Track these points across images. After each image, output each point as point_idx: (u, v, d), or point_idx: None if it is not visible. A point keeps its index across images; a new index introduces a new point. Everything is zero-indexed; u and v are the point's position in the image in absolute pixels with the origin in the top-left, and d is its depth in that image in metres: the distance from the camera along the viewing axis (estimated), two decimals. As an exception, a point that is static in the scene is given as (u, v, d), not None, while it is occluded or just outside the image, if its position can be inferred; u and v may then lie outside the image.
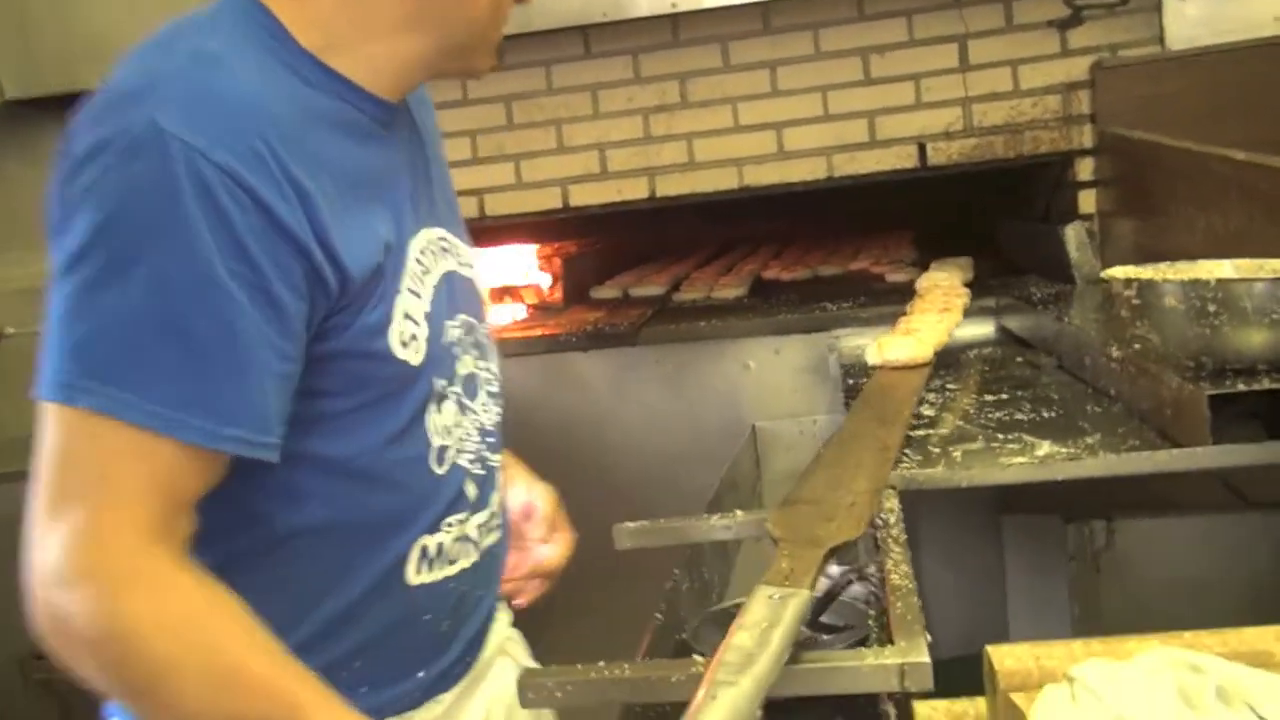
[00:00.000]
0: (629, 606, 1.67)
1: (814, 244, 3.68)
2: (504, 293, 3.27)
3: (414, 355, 0.91)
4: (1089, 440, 1.40)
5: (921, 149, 2.62)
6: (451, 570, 0.98)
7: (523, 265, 3.31)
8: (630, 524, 1.34)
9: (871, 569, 1.18)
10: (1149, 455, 1.29)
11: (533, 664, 1.13)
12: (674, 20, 2.61)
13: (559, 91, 2.73)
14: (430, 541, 0.95)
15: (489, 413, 1.04)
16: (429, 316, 0.93)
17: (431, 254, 0.96)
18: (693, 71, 2.66)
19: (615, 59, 2.70)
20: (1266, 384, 1.25)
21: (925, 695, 0.91)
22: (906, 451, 1.46)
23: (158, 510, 0.77)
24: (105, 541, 0.75)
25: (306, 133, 0.84)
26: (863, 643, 1.07)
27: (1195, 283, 1.26)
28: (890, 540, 1.14)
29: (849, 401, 1.84)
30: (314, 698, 0.79)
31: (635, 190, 2.73)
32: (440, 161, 1.08)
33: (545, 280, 3.27)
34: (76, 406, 0.76)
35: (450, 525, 0.97)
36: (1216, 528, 1.78)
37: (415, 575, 0.95)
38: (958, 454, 1.43)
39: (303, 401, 0.85)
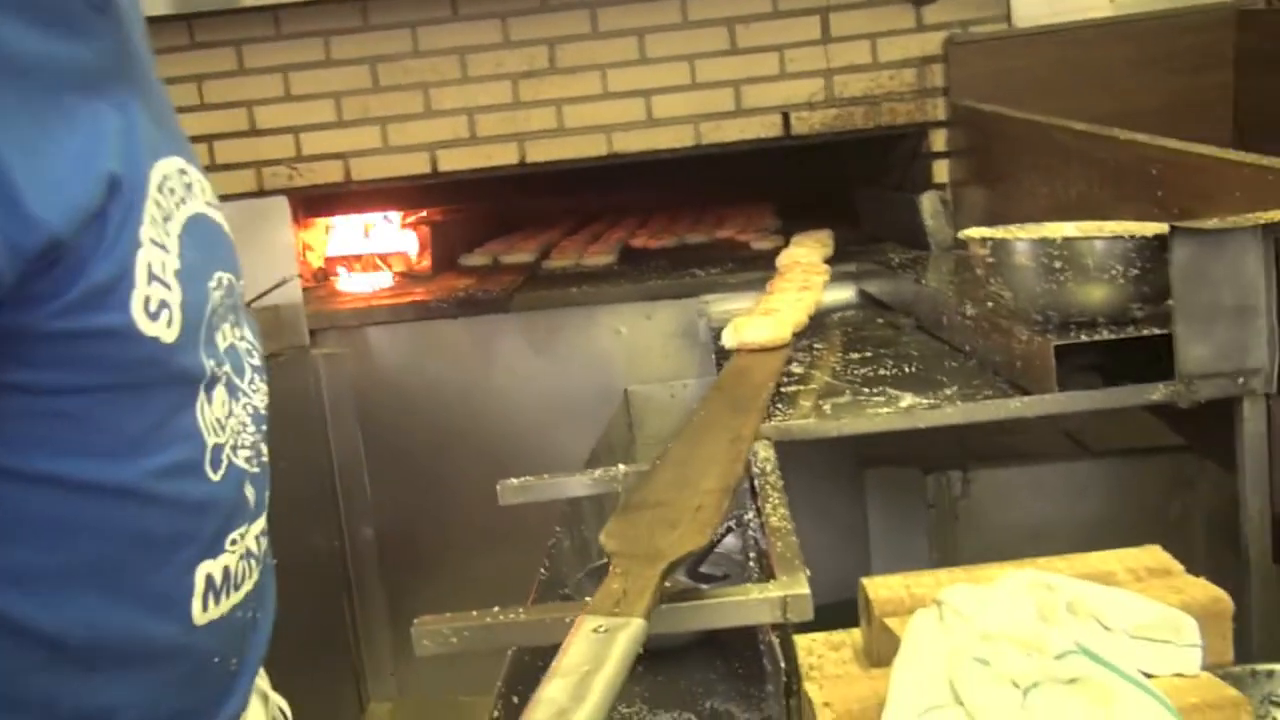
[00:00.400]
0: (511, 567, 1.69)
1: (679, 213, 3.74)
2: (372, 260, 3.22)
3: (167, 329, 0.68)
4: (947, 392, 1.49)
5: (785, 118, 2.69)
6: (239, 596, 0.77)
7: (389, 231, 3.26)
8: (514, 480, 1.36)
9: (749, 517, 1.23)
10: (1002, 403, 1.38)
11: (267, 687, 0.90)
12: (542, -15, 2.61)
13: (426, 54, 2.69)
14: (214, 567, 0.74)
15: (259, 392, 0.83)
16: (181, 275, 0.70)
17: (173, 191, 0.72)
18: (562, 37, 2.66)
19: (484, 22, 2.67)
20: (1105, 335, 1.35)
21: (805, 629, 0.96)
22: (779, 406, 1.52)
23: None
24: None
25: None
26: (743, 585, 1.12)
27: (1044, 241, 1.34)
28: (768, 487, 1.19)
29: (720, 364, 1.90)
30: None
31: (504, 156, 2.72)
32: (153, 62, 0.82)
33: (413, 247, 3.23)
34: None
35: (234, 542, 0.76)
36: (1061, 475, 1.91)
37: (202, 613, 0.73)
38: (827, 406, 1.49)
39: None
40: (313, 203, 3.04)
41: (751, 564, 1.19)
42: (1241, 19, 2.48)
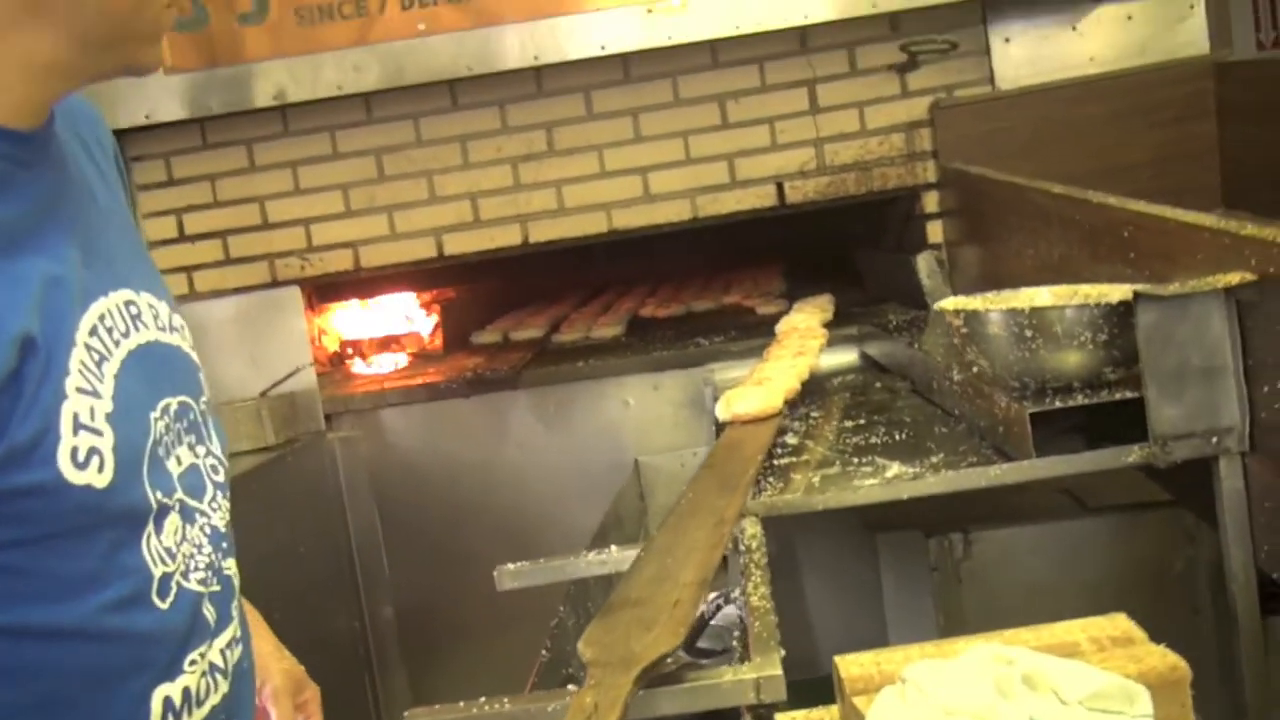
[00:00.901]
0: (518, 645, 1.72)
1: (688, 280, 3.80)
2: (386, 342, 3.29)
3: (99, 475, 0.69)
4: (933, 459, 1.52)
5: (779, 188, 2.75)
6: (204, 712, 0.78)
7: (401, 314, 3.34)
8: (510, 565, 1.40)
9: (737, 593, 1.26)
10: (982, 471, 1.41)
11: None
12: (538, 73, 2.70)
13: (428, 143, 2.78)
14: (173, 690, 0.75)
15: (219, 510, 0.83)
16: (113, 417, 0.70)
17: (108, 331, 0.73)
18: (558, 120, 2.75)
19: (482, 110, 2.76)
20: (1080, 400, 1.39)
21: (811, 700, 0.99)
22: (770, 480, 1.56)
23: None
24: None
25: None
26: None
27: (1013, 311, 1.38)
28: (752, 565, 1.22)
29: (720, 434, 1.94)
30: None
31: (508, 237, 2.79)
32: (118, 193, 0.85)
33: (425, 328, 3.31)
34: None
35: (194, 662, 0.77)
36: (1062, 534, 1.92)
37: None
38: (816, 479, 1.53)
39: None
40: (326, 289, 3.13)
41: (737, 640, 1.22)
42: (1219, 71, 2.54)
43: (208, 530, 0.80)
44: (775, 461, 1.67)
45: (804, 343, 2.26)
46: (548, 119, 2.73)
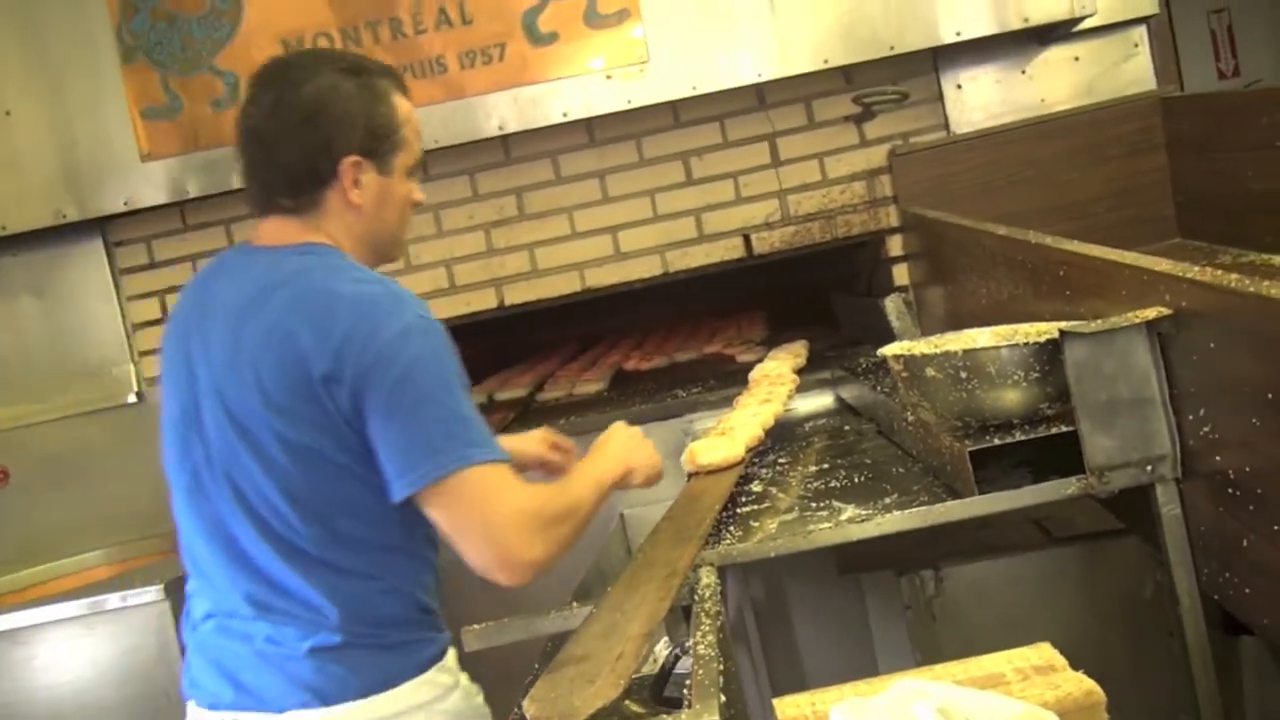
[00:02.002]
0: (493, 702, 1.74)
1: (674, 331, 3.85)
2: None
3: None
4: (886, 500, 1.56)
5: (746, 240, 2.82)
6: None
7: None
8: (476, 626, 1.43)
9: (690, 643, 1.30)
10: (927, 510, 1.45)
11: None
12: (505, 141, 2.78)
13: (403, 215, 2.85)
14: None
15: None
16: None
17: None
18: (527, 186, 2.83)
19: (454, 179, 2.84)
20: (1019, 436, 1.43)
21: None
22: (731, 529, 1.60)
23: None
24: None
25: None
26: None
27: (947, 355, 1.43)
28: (703, 614, 1.26)
29: (690, 483, 1.98)
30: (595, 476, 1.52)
31: (483, 301, 2.85)
32: None
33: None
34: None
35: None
36: (1032, 565, 1.94)
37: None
38: (774, 525, 1.57)
39: None
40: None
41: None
42: (1166, 106, 2.61)
43: None
44: (738, 510, 1.71)
45: (772, 389, 2.30)
46: (517, 184, 2.81)
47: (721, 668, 1.10)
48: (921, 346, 1.61)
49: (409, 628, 1.38)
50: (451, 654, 1.44)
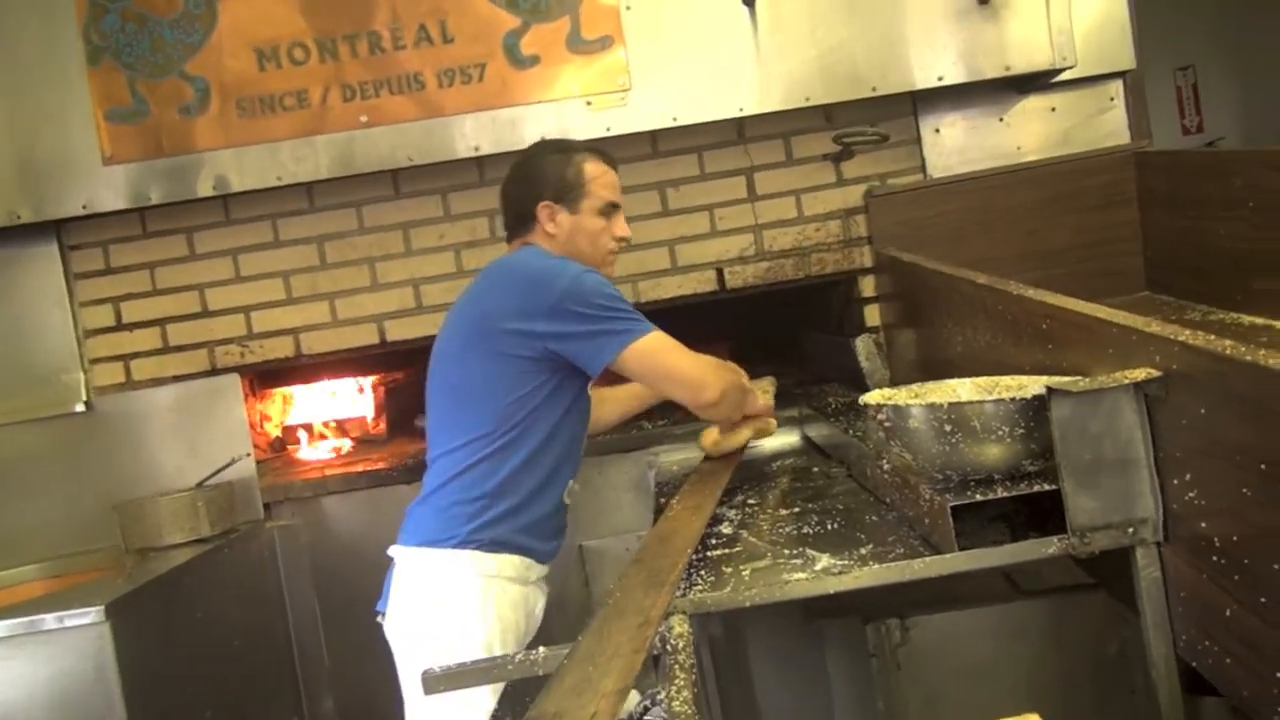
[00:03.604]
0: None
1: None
2: (329, 428, 3.26)
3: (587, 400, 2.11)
4: (862, 551, 1.53)
5: (719, 273, 2.80)
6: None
7: (345, 399, 3.32)
8: (438, 668, 1.38)
9: (662, 695, 1.25)
10: (906, 565, 1.42)
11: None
12: (479, 162, 2.73)
13: (371, 230, 2.80)
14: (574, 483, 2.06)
15: None
16: None
17: None
18: (498, 209, 2.77)
19: (425, 199, 2.79)
20: (1001, 492, 1.41)
21: None
22: (702, 573, 1.56)
23: None
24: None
25: None
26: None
27: (933, 406, 1.41)
28: (677, 667, 1.22)
29: (656, 521, 1.94)
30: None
31: (450, 324, 2.79)
32: None
33: (369, 412, 3.29)
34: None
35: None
36: (998, 617, 1.92)
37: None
38: (747, 572, 1.53)
39: None
40: (268, 375, 3.11)
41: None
42: (1140, 160, 2.63)
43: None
44: (708, 553, 1.67)
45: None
46: (490, 206, 2.76)
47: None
48: (902, 395, 1.58)
49: None
50: None
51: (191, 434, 2.72)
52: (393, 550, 1.98)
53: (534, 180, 2.05)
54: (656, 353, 1.95)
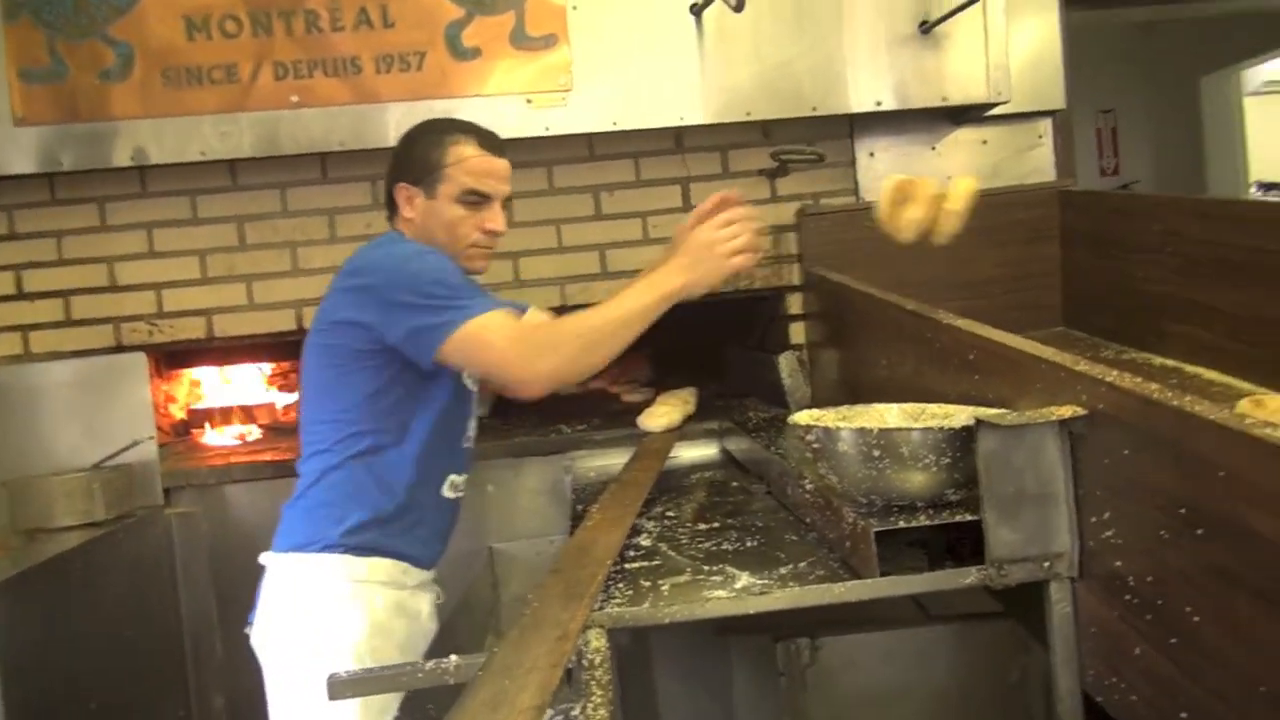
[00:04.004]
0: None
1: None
2: (237, 413, 3.16)
3: (471, 384, 1.99)
4: (783, 571, 1.52)
5: (649, 281, 2.78)
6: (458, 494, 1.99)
7: (256, 385, 3.22)
8: (344, 674, 1.33)
9: (576, 711, 1.23)
10: (827, 588, 1.42)
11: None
12: (411, 151, 2.67)
13: (295, 214, 2.72)
14: (456, 478, 1.96)
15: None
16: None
17: None
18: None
19: (352, 185, 2.73)
20: (923, 520, 1.42)
21: None
22: (620, 586, 1.54)
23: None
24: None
25: None
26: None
27: (863, 431, 1.41)
28: (594, 683, 1.19)
29: (574, 528, 1.92)
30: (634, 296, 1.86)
31: (372, 315, 2.73)
32: None
33: (279, 399, 3.20)
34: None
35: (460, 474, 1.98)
36: (906, 641, 1.95)
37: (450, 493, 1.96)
38: (666, 587, 1.51)
39: None
40: (177, 355, 3.00)
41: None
42: (1063, 199, 2.69)
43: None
44: (627, 565, 1.65)
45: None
46: (420, 198, 2.70)
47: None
48: (830, 417, 1.59)
49: None
50: None
51: (90, 413, 2.60)
52: (263, 557, 1.89)
53: (399, 159, 1.93)
54: (471, 339, 1.72)
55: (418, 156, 1.90)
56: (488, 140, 1.92)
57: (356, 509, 1.82)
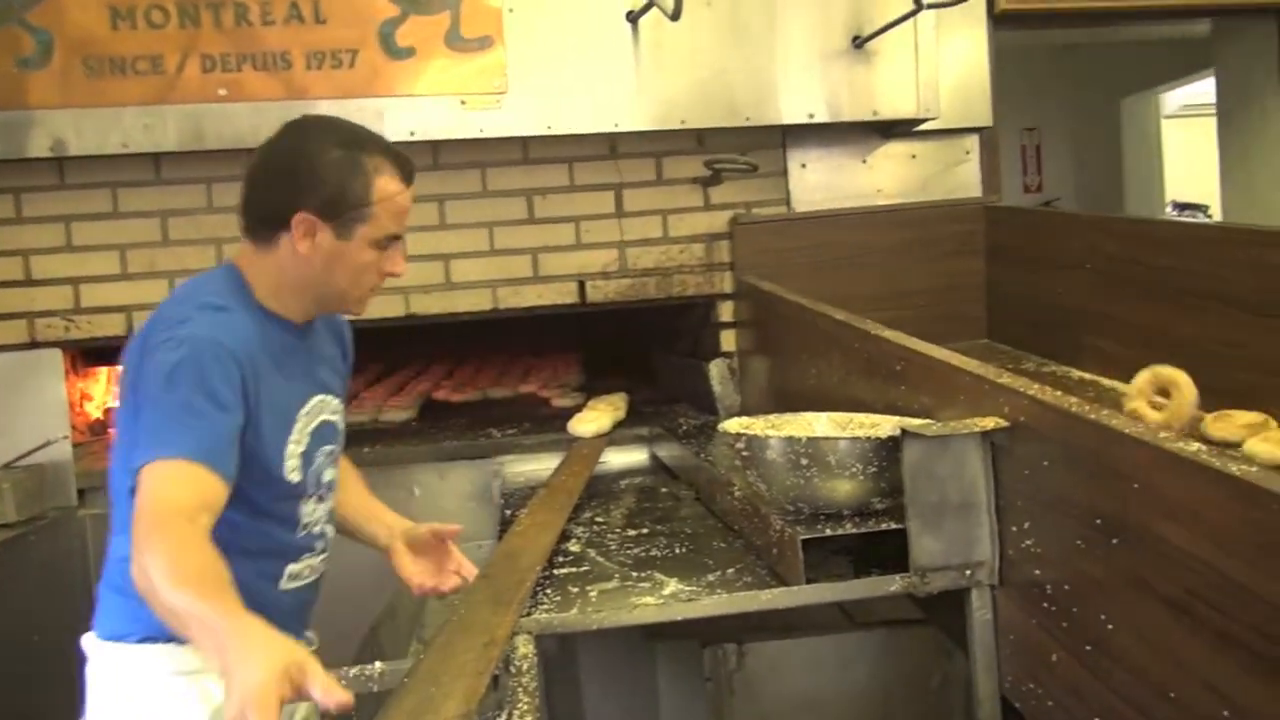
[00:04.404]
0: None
1: (487, 363, 3.76)
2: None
3: (296, 475, 1.52)
4: (710, 578, 1.53)
5: (581, 286, 2.78)
6: (301, 582, 1.60)
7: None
8: (264, 680, 1.30)
9: (503, 718, 1.22)
10: (754, 595, 1.43)
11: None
12: (343, 150, 2.63)
13: (221, 210, 2.66)
14: (294, 566, 1.58)
15: (331, 501, 1.64)
16: (303, 454, 1.53)
17: (310, 413, 1.56)
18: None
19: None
20: (849, 528, 1.44)
21: None
22: (548, 591, 1.53)
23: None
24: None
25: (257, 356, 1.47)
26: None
27: (791, 439, 1.42)
28: (520, 690, 1.19)
29: (502, 533, 1.91)
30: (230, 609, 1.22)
31: (299, 315, 2.68)
32: (339, 357, 1.70)
33: (202, 400, 3.12)
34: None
35: (304, 561, 1.59)
36: (831, 646, 1.97)
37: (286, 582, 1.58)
38: (594, 593, 1.51)
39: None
40: (94, 352, 2.91)
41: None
42: (988, 214, 2.75)
43: (327, 510, 1.62)
44: (555, 571, 1.65)
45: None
46: (350, 197, 2.66)
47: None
48: (760, 425, 1.60)
49: None
50: None
51: (1, 411, 2.51)
52: (84, 641, 1.60)
53: (300, 177, 1.50)
54: (149, 485, 1.32)
55: (331, 183, 1.50)
56: (405, 168, 1.56)
57: None
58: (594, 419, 2.60)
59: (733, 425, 1.58)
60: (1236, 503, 0.92)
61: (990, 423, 1.33)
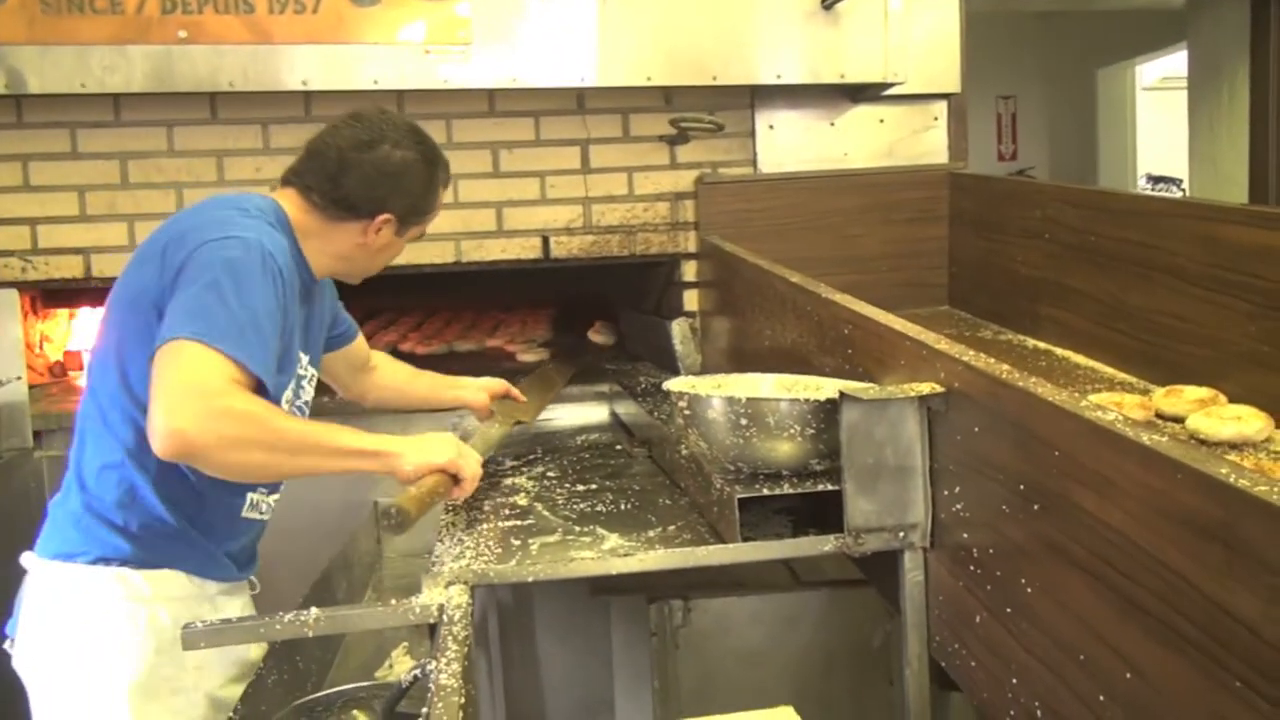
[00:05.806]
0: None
1: (457, 316, 3.76)
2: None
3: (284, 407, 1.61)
4: (651, 534, 1.55)
5: (545, 241, 2.78)
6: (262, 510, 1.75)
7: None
8: (200, 624, 1.32)
9: (432, 665, 1.24)
10: (690, 551, 1.45)
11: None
12: (307, 97, 2.61)
13: (182, 154, 2.64)
14: (254, 495, 1.70)
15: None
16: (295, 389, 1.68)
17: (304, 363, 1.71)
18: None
19: (244, 127, 2.65)
20: (787, 489, 1.46)
21: None
22: (489, 543, 1.55)
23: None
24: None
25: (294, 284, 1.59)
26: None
27: (731, 400, 1.44)
28: (450, 639, 1.20)
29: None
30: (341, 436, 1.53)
31: (259, 262, 2.66)
32: (325, 305, 1.87)
33: (163, 345, 3.11)
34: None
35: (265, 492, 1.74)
36: (776, 604, 2.00)
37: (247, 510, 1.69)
38: (535, 546, 1.53)
39: None
40: (55, 294, 2.89)
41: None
42: (953, 181, 2.76)
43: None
44: (500, 523, 1.66)
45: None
46: (313, 145, 2.64)
47: (462, 700, 1.05)
48: (705, 384, 1.61)
49: None
50: None
51: (-45, 350, 2.50)
52: (25, 559, 1.62)
53: (392, 182, 1.66)
54: (167, 359, 1.38)
55: (416, 194, 1.70)
56: (448, 179, 1.80)
57: (138, 518, 1.55)
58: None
59: (677, 384, 1.60)
60: (1144, 471, 0.94)
61: (926, 388, 1.35)
